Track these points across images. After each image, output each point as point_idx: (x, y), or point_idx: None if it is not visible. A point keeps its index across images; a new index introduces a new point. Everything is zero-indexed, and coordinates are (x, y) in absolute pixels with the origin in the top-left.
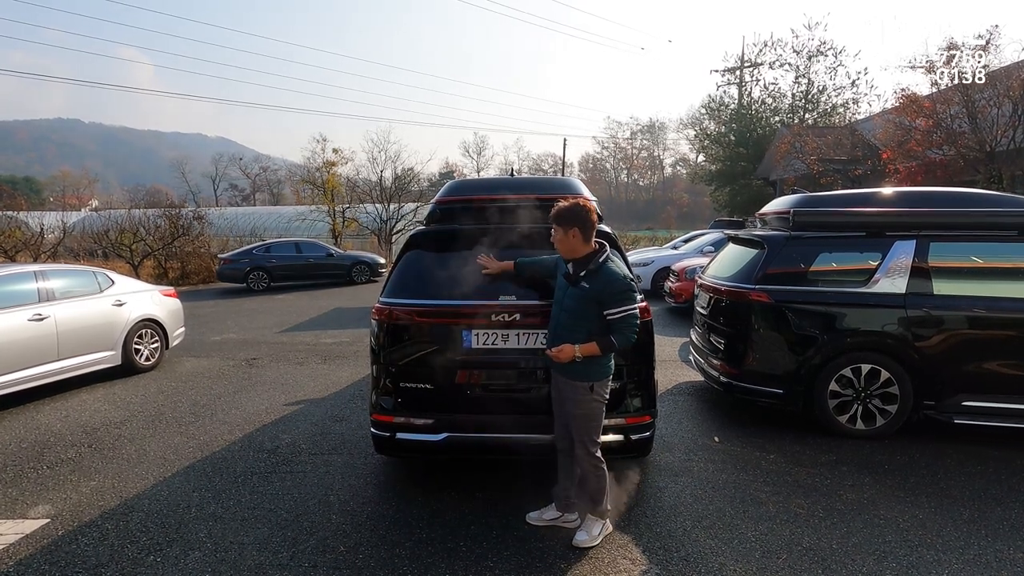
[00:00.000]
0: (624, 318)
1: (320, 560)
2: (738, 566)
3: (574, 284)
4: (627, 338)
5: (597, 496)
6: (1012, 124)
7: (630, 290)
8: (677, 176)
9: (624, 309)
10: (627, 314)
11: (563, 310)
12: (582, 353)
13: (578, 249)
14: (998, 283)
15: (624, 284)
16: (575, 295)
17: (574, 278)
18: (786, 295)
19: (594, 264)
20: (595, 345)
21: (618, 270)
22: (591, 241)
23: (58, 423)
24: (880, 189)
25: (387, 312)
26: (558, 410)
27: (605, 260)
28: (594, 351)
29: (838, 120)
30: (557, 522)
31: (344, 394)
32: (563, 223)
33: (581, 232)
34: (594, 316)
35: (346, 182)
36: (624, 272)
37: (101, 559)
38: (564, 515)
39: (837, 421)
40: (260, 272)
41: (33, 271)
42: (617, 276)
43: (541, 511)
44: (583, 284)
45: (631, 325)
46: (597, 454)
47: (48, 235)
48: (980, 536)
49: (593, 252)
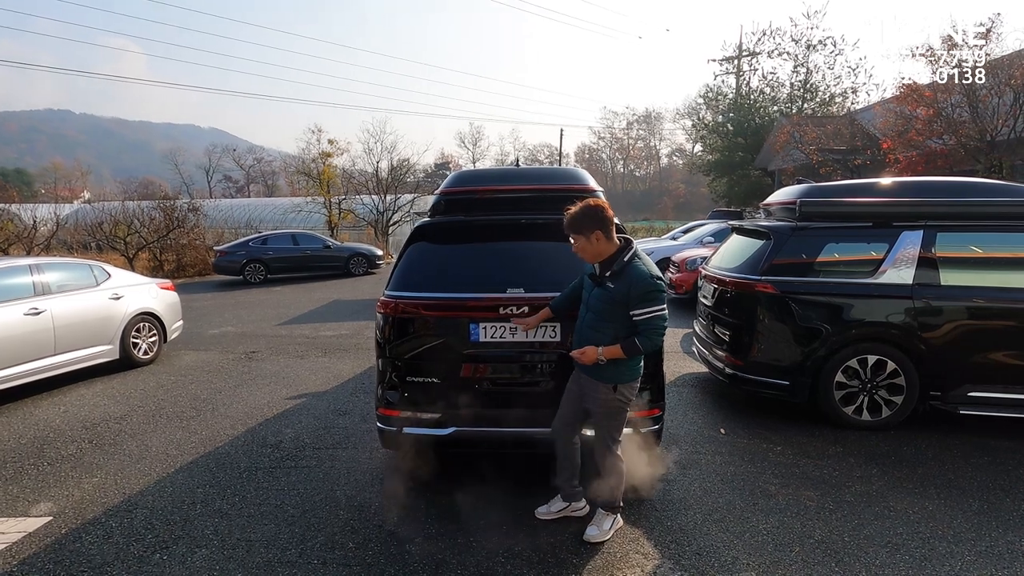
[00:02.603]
0: (650, 319)
1: (329, 557)
2: (751, 559)
3: (600, 284)
4: (653, 342)
5: (613, 492)
6: (1013, 113)
7: (657, 290)
8: (673, 166)
9: (651, 311)
10: (654, 315)
11: (589, 310)
12: (606, 356)
13: (603, 251)
14: (1005, 273)
15: (651, 284)
16: (600, 296)
17: (599, 278)
18: (792, 286)
19: (619, 264)
20: (618, 348)
21: (645, 269)
22: (614, 238)
23: (57, 418)
24: (886, 179)
25: (393, 305)
26: (571, 403)
27: (631, 259)
28: (617, 354)
29: (837, 109)
30: (565, 512)
31: (346, 387)
32: (582, 229)
33: (603, 232)
34: (620, 317)
35: (342, 173)
36: (651, 271)
37: (106, 557)
38: (572, 504)
39: (843, 412)
40: (257, 264)
41: (29, 264)
42: (644, 276)
43: (549, 505)
44: (608, 284)
45: (657, 328)
46: (617, 451)
47: (40, 228)
48: (991, 527)
49: (618, 250)
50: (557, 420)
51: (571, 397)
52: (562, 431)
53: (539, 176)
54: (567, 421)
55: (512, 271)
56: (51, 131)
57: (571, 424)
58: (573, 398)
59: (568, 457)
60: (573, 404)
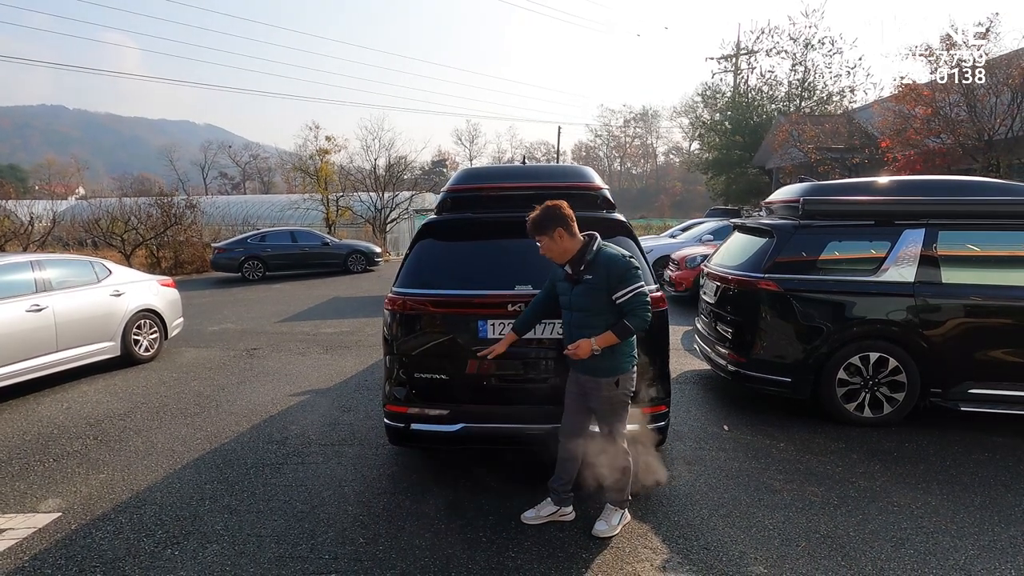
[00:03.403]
0: (634, 298)
1: (340, 552)
2: (758, 554)
3: (578, 282)
4: (642, 319)
5: (621, 486)
6: (1011, 113)
7: (634, 268)
8: (670, 164)
9: (632, 288)
10: (636, 293)
11: (574, 311)
12: (599, 345)
13: (569, 247)
14: (1006, 271)
15: (626, 263)
16: (582, 291)
17: (576, 276)
18: (795, 284)
19: (590, 255)
20: (611, 334)
21: (617, 252)
22: (577, 235)
23: (60, 415)
24: (888, 178)
25: (401, 302)
26: (575, 405)
27: (599, 248)
28: (611, 340)
29: (835, 108)
30: (555, 516)
31: (349, 384)
32: (545, 230)
33: (565, 229)
34: (606, 307)
35: (339, 170)
36: (621, 252)
37: (118, 553)
38: (560, 508)
39: (845, 409)
40: (255, 261)
41: (30, 261)
42: (618, 258)
43: (538, 508)
44: (586, 277)
45: (643, 304)
46: (625, 445)
47: (36, 224)
48: (993, 522)
49: (585, 244)
50: (564, 424)
51: (573, 399)
52: (569, 434)
53: (545, 174)
54: (574, 424)
55: (520, 268)
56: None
57: (579, 427)
58: (575, 400)
59: (571, 460)
60: (577, 406)
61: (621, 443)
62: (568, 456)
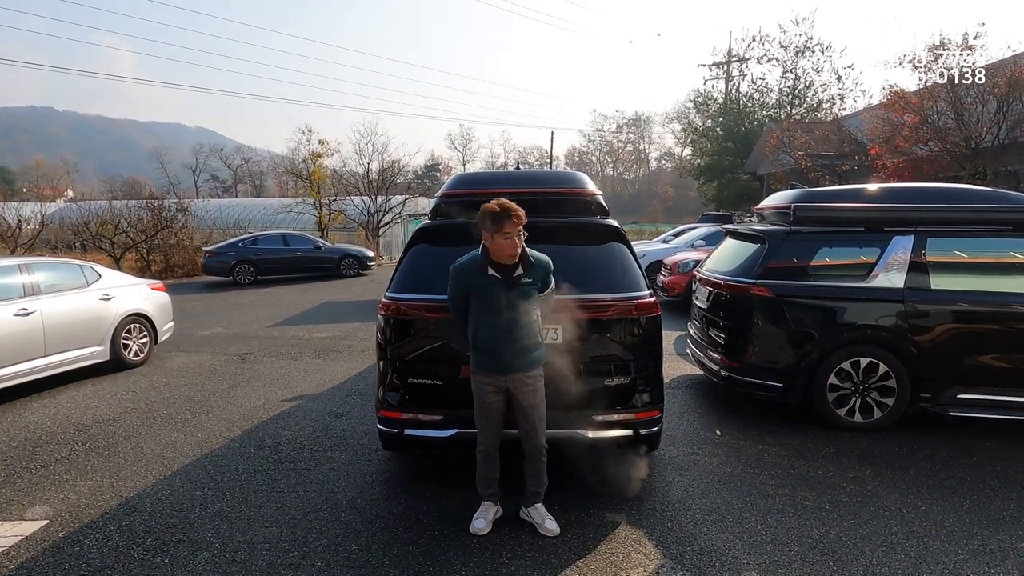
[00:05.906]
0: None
1: (332, 559)
2: (751, 559)
3: (515, 284)
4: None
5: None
6: (997, 121)
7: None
8: (662, 170)
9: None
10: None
11: (514, 313)
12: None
13: (519, 247)
14: (993, 278)
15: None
16: (522, 292)
17: (514, 279)
18: (787, 289)
19: (526, 256)
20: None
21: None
22: None
23: (48, 421)
24: (878, 184)
25: (394, 307)
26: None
27: (525, 250)
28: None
29: (824, 115)
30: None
31: (342, 389)
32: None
33: (525, 229)
34: (536, 300)
35: (332, 174)
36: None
37: (106, 561)
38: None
39: (836, 414)
40: (247, 265)
41: (18, 264)
42: (541, 255)
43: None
44: (525, 279)
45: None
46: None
47: (24, 227)
48: (982, 526)
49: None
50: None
51: (500, 409)
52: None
53: (540, 179)
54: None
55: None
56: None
57: (527, 431)
58: (502, 409)
59: (536, 466)
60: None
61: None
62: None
